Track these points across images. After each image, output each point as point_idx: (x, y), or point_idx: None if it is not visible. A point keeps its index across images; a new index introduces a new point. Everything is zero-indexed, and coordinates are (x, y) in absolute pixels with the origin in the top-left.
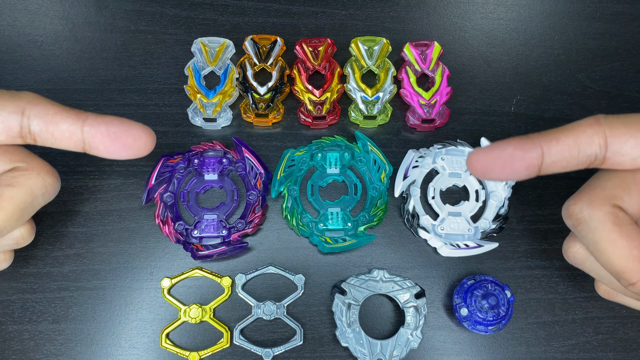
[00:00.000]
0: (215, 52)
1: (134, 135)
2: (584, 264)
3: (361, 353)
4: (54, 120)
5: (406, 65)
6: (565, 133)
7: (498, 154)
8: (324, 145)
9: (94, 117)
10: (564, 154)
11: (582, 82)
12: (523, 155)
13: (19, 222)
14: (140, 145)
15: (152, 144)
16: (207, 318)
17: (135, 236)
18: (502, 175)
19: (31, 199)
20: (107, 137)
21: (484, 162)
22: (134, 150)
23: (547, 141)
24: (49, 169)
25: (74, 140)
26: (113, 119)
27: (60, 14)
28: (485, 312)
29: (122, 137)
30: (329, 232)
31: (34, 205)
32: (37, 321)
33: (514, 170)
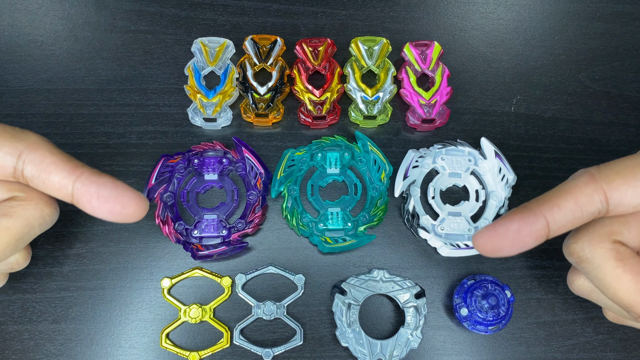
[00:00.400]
0: (215, 52)
1: (122, 202)
2: (590, 295)
3: (361, 353)
4: (48, 170)
5: (406, 65)
6: (564, 197)
7: (504, 233)
8: (324, 145)
9: (88, 174)
10: (567, 218)
11: (582, 82)
12: (529, 229)
13: (14, 251)
14: (128, 214)
15: (141, 213)
16: (207, 318)
17: (135, 236)
18: (512, 252)
19: (28, 229)
20: (96, 199)
21: (492, 243)
22: (120, 217)
23: (549, 209)
24: (47, 199)
25: (63, 193)
26: (107, 182)
27: (60, 14)
28: (485, 312)
29: (110, 202)
30: (329, 232)
31: (30, 235)
32: (37, 321)
33: (523, 245)
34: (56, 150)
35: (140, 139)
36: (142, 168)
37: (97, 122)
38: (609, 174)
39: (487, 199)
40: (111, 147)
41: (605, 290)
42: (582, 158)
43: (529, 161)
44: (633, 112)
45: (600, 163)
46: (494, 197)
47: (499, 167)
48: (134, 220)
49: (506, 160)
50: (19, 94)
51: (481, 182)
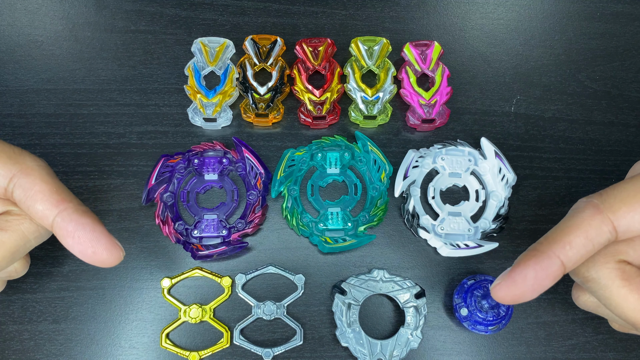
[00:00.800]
0: (215, 52)
1: (95, 248)
2: (596, 310)
3: (361, 353)
4: (34, 198)
5: (406, 65)
6: (574, 234)
7: (523, 282)
8: (324, 145)
9: (71, 211)
10: (580, 253)
11: (582, 82)
12: (546, 274)
13: (10, 263)
14: (98, 260)
15: (112, 261)
16: (207, 318)
17: (135, 236)
18: (533, 296)
19: (23, 243)
20: (71, 238)
21: (512, 294)
22: (91, 260)
23: (561, 249)
24: None
25: (44, 222)
26: (86, 223)
27: (60, 14)
28: (485, 312)
29: (83, 245)
30: (329, 232)
31: (25, 248)
32: (37, 321)
33: (542, 287)
34: (48, 179)
35: (140, 139)
36: (142, 168)
37: (97, 122)
38: (613, 203)
39: (487, 199)
40: (111, 147)
41: (613, 309)
42: (582, 158)
43: (529, 161)
44: (633, 112)
45: (600, 162)
46: (494, 197)
47: (499, 167)
48: (105, 266)
49: (506, 160)
50: (19, 94)
51: (481, 182)
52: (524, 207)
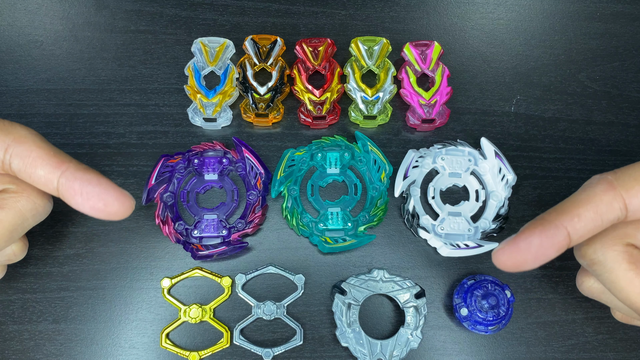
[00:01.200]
0: (215, 52)
1: (106, 200)
2: (600, 296)
3: (361, 353)
4: (34, 164)
5: (406, 65)
6: (584, 207)
7: (527, 248)
8: (324, 145)
9: (73, 170)
10: (588, 227)
11: (582, 82)
12: (551, 242)
13: (8, 243)
14: (111, 212)
15: (124, 211)
16: (207, 318)
17: (135, 236)
18: (535, 265)
19: (21, 221)
20: (79, 195)
21: (514, 259)
22: (103, 214)
23: (569, 220)
24: (39, 191)
25: (49, 187)
26: (91, 178)
27: (60, 14)
28: (485, 312)
29: (93, 199)
30: (329, 232)
31: (23, 227)
32: (37, 321)
33: (545, 258)
34: (43, 144)
35: (140, 139)
36: (142, 168)
37: (97, 122)
38: (627, 180)
39: (487, 199)
40: (111, 147)
41: (617, 293)
42: (582, 158)
43: (529, 161)
44: (633, 112)
45: (600, 162)
46: (494, 197)
47: (499, 167)
48: (119, 218)
49: (506, 160)
50: (19, 94)
51: (481, 182)
52: (524, 207)
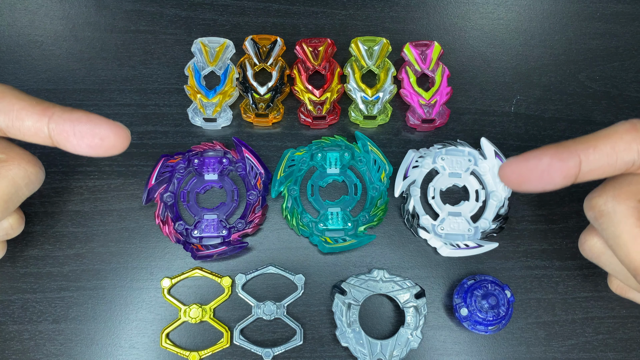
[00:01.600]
0: (215, 52)
1: (101, 135)
2: (599, 258)
3: (361, 353)
4: (19, 117)
5: (406, 65)
6: (602, 140)
7: (535, 165)
8: (324, 145)
9: (60, 113)
10: (601, 161)
11: (582, 82)
12: (561, 165)
13: (4, 214)
14: (108, 146)
15: (122, 143)
16: (207, 318)
17: (135, 236)
18: (538, 187)
19: (14, 190)
20: (73, 136)
21: (519, 174)
22: (102, 150)
23: (584, 149)
24: (30, 159)
25: (41, 137)
26: (80, 117)
27: (60, 14)
28: (485, 312)
29: (87, 136)
30: (329, 232)
31: (18, 196)
32: (37, 321)
33: (551, 181)
34: (23, 96)
35: (140, 139)
36: (142, 168)
37: None
38: None
39: (487, 199)
40: None
41: (618, 249)
42: None
43: None
44: (633, 112)
45: None
46: (494, 197)
47: (499, 167)
48: (118, 151)
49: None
50: None
51: (481, 182)
52: (524, 207)
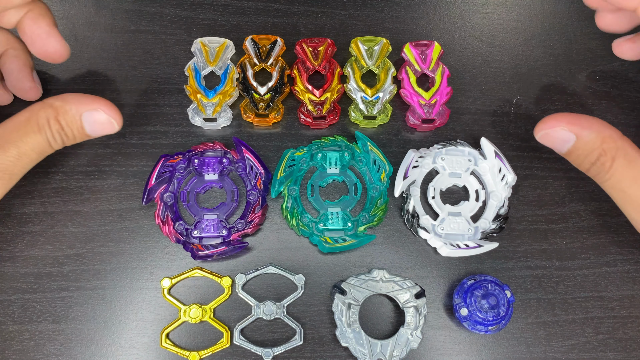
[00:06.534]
0: (215, 52)
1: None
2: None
3: (361, 353)
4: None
5: (406, 65)
6: None
7: None
8: (324, 145)
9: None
10: None
11: (582, 82)
12: None
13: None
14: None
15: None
16: (207, 318)
17: (135, 236)
18: None
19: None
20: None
21: None
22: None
23: None
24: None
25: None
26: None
27: (60, 14)
28: (485, 312)
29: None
30: (329, 232)
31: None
32: (37, 321)
33: None
34: None
35: (140, 139)
36: (142, 168)
37: None
38: None
39: (487, 199)
40: (111, 147)
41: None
42: None
43: (529, 161)
44: (633, 112)
45: None
46: (494, 197)
47: (499, 167)
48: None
49: (506, 160)
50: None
51: (481, 182)
52: (524, 207)
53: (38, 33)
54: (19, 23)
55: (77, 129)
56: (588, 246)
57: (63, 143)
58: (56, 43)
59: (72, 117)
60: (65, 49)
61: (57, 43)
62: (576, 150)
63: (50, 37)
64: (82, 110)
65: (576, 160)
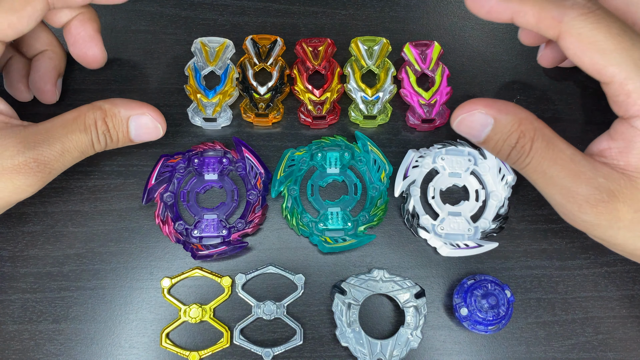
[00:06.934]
0: (215, 52)
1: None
2: None
3: (361, 353)
4: None
5: (406, 65)
6: None
7: None
8: (324, 145)
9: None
10: None
11: (582, 82)
12: None
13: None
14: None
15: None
16: (207, 318)
17: (135, 236)
18: None
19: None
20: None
21: None
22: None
23: None
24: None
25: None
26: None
27: None
28: (485, 312)
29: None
30: (329, 232)
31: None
32: (37, 321)
33: None
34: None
35: None
36: (142, 168)
37: None
38: None
39: (487, 199)
40: None
41: None
42: None
43: None
44: None
45: None
46: (494, 197)
47: (498, 167)
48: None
49: None
50: None
51: (481, 182)
52: (524, 207)
53: (82, 36)
54: (68, 23)
55: (122, 132)
56: (588, 246)
57: (106, 145)
58: (97, 49)
59: (120, 120)
60: (103, 56)
61: (98, 49)
62: (495, 135)
63: (92, 42)
64: (130, 113)
65: (495, 147)
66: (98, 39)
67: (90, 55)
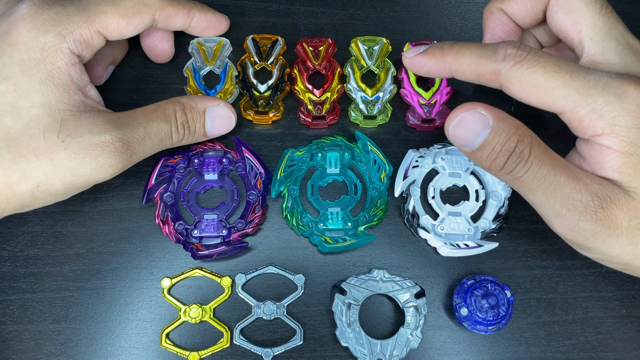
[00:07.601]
0: (213, 51)
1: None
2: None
3: (361, 353)
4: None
5: None
6: None
7: None
8: (324, 145)
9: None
10: None
11: None
12: None
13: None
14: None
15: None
16: (207, 318)
17: (135, 236)
18: None
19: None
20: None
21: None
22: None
23: None
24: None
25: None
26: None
27: None
28: (485, 312)
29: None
30: (329, 232)
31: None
32: (37, 321)
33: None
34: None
35: None
36: (142, 168)
37: None
38: None
39: (487, 199)
40: None
41: None
42: None
43: None
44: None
45: None
46: (494, 197)
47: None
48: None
49: None
50: None
51: (481, 182)
52: (524, 207)
53: (158, 29)
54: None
55: (200, 123)
56: None
57: (183, 137)
58: (167, 44)
59: (198, 112)
60: (171, 52)
61: (168, 45)
62: (492, 140)
63: (165, 37)
64: (207, 105)
65: (492, 154)
66: (171, 36)
67: (160, 49)
